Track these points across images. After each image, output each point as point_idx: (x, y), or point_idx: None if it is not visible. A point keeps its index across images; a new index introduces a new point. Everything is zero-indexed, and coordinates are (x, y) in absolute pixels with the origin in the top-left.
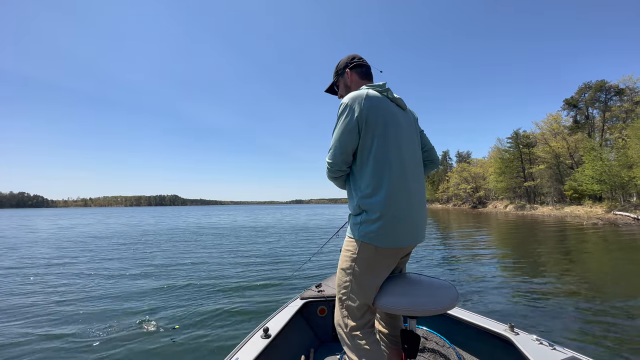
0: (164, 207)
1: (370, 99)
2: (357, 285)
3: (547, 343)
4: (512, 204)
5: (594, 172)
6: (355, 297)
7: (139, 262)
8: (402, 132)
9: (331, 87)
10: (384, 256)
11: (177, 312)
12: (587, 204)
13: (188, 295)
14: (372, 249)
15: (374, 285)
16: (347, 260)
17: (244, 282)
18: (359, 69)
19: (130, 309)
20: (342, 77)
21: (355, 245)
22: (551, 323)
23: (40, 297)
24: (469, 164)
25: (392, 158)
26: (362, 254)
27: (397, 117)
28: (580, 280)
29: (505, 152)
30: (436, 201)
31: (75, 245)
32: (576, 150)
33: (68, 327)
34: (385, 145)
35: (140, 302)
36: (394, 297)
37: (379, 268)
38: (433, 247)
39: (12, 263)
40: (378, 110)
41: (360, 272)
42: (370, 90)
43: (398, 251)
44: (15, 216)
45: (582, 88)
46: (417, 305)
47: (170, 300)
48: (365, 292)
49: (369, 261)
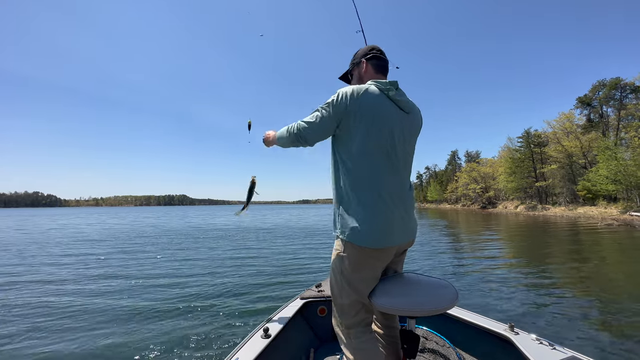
0: (173, 207)
1: (367, 95)
2: (347, 283)
3: (547, 343)
4: (523, 204)
5: (609, 171)
6: (346, 295)
7: (142, 263)
8: (394, 133)
9: (346, 75)
10: (371, 255)
11: (177, 312)
12: (602, 204)
13: (188, 295)
14: (358, 248)
15: (362, 282)
16: (335, 259)
17: (243, 282)
18: (375, 61)
19: (129, 309)
20: (357, 66)
21: (341, 245)
22: (551, 323)
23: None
24: (478, 163)
25: (380, 156)
26: (349, 253)
27: (392, 117)
28: (590, 281)
29: (516, 152)
30: (444, 201)
31: (148, 238)
32: (590, 150)
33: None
34: (376, 143)
35: (140, 302)
36: (392, 297)
37: (367, 267)
38: (436, 247)
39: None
40: (371, 108)
41: (348, 271)
42: (372, 87)
43: (385, 250)
44: (42, 215)
45: (595, 86)
46: (416, 305)
47: (169, 300)
48: (355, 290)
49: (356, 260)
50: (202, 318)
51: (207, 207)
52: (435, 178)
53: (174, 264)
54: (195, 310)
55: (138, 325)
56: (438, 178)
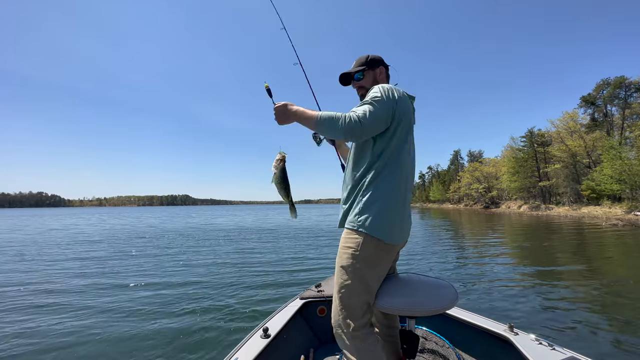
0: (175, 207)
1: (405, 98)
2: (360, 281)
3: (546, 343)
4: (527, 204)
5: (613, 171)
6: (356, 295)
7: (142, 263)
8: (412, 137)
9: (348, 74)
10: (386, 252)
11: (177, 312)
12: (606, 204)
13: (188, 295)
14: (375, 244)
15: (376, 280)
16: (348, 256)
17: (243, 282)
18: (387, 71)
19: (129, 309)
20: (373, 69)
21: (357, 240)
22: (551, 323)
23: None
24: (481, 163)
25: (406, 156)
26: (365, 249)
27: (412, 122)
28: (592, 281)
29: (519, 151)
30: (447, 201)
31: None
32: (594, 149)
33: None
34: (406, 143)
35: (140, 302)
36: (393, 298)
37: (381, 264)
38: (437, 247)
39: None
40: (407, 110)
41: (364, 268)
42: (404, 91)
43: (396, 248)
44: (45, 215)
45: (600, 85)
46: (417, 305)
47: (169, 300)
48: (367, 289)
49: (372, 257)
50: (202, 318)
51: (209, 207)
52: (438, 178)
53: (174, 264)
54: (194, 309)
55: (137, 325)
56: (440, 178)
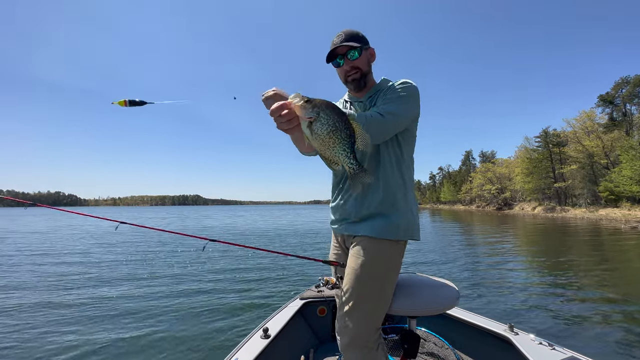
0: (186, 207)
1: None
2: (391, 292)
3: (546, 343)
4: (541, 205)
5: (633, 172)
6: (383, 306)
7: (142, 262)
8: None
9: (342, 48)
10: (404, 252)
11: (177, 312)
12: (625, 206)
13: (188, 295)
14: (403, 246)
15: (395, 284)
16: (381, 266)
17: (243, 282)
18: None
19: (129, 309)
20: (367, 49)
21: (389, 248)
22: (551, 323)
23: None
24: (493, 164)
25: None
26: (397, 254)
27: None
28: (605, 284)
29: (534, 152)
30: (458, 202)
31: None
32: (612, 150)
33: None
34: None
35: (139, 302)
36: (395, 298)
37: (400, 264)
38: (446, 248)
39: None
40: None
41: (394, 276)
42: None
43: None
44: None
45: (618, 83)
46: (419, 305)
47: (168, 301)
48: (389, 296)
49: (399, 259)
50: (202, 317)
51: (220, 207)
52: (449, 179)
53: (174, 264)
54: (194, 309)
55: (138, 325)
56: (452, 178)
